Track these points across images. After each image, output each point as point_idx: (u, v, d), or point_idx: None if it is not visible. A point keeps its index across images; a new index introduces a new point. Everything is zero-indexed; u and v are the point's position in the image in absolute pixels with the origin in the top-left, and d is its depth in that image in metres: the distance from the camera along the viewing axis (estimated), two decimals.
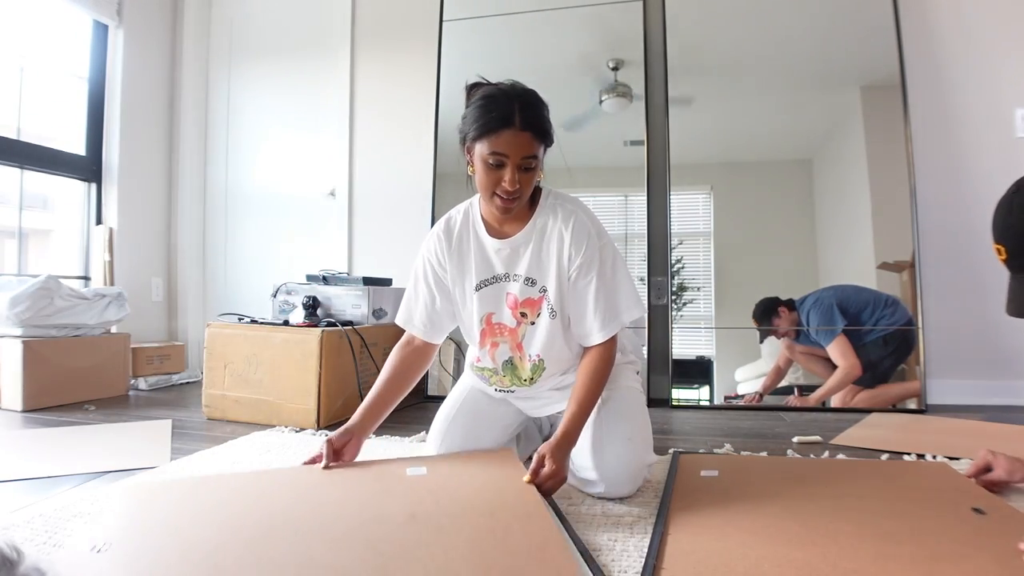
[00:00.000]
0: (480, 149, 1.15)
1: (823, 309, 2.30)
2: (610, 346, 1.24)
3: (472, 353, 1.39)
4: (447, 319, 1.36)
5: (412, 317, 1.36)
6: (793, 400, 2.30)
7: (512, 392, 1.35)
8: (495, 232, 1.27)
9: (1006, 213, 0.97)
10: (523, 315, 1.27)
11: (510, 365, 1.32)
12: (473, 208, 1.31)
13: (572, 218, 1.23)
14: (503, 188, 1.14)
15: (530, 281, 1.25)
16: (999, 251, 0.98)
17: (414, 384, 1.38)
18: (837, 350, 2.26)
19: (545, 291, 1.25)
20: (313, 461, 1.27)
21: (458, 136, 1.21)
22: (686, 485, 1.25)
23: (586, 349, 1.27)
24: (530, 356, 1.29)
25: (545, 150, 1.19)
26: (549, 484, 1.10)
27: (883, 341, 2.25)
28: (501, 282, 1.28)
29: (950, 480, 1.19)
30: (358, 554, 0.86)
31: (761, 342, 2.37)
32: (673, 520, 1.05)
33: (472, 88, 1.24)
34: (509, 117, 1.12)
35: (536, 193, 1.27)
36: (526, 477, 1.10)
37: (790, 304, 2.34)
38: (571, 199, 1.29)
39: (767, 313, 2.36)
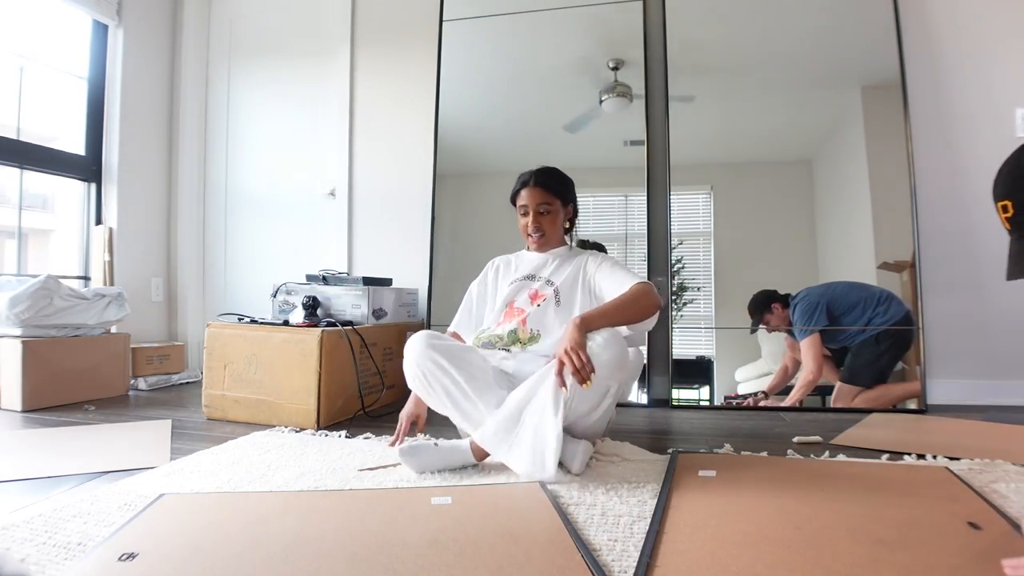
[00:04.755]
0: (517, 205, 1.72)
1: (806, 307, 2.30)
2: (641, 285, 1.50)
3: (475, 332, 1.73)
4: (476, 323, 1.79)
5: (461, 328, 1.80)
6: (756, 400, 2.31)
7: (509, 351, 1.61)
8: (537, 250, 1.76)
9: (1015, 166, 0.97)
10: (535, 303, 1.69)
11: (513, 334, 1.64)
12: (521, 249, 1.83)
13: (587, 253, 1.73)
14: (530, 227, 1.69)
15: (549, 283, 1.69)
16: (1005, 208, 0.97)
17: None
18: (804, 351, 2.28)
19: (557, 289, 1.66)
20: (397, 438, 1.63)
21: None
22: (684, 485, 1.25)
23: None
24: (531, 330, 1.64)
25: (565, 204, 1.71)
26: (570, 356, 1.29)
27: (875, 340, 2.25)
28: (528, 281, 1.72)
29: (949, 488, 1.19)
30: (378, 575, 0.86)
31: (752, 332, 2.38)
32: (669, 519, 1.06)
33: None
34: (527, 180, 1.69)
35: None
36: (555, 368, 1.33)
37: (785, 301, 2.35)
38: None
39: (761, 307, 2.36)
